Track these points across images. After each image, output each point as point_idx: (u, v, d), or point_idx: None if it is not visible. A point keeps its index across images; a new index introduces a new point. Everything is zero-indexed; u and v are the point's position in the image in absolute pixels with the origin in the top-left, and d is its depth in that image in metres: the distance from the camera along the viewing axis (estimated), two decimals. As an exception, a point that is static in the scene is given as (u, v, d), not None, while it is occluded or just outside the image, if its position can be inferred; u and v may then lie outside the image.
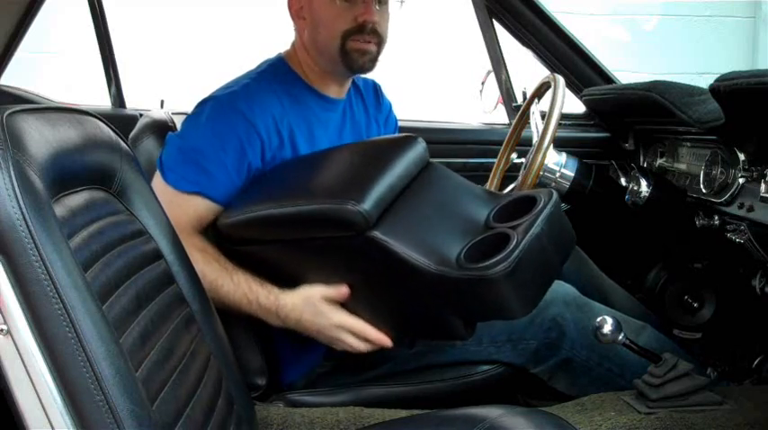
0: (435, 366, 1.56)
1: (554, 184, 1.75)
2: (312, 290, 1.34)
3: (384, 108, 1.75)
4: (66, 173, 0.88)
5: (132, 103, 2.27)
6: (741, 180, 1.53)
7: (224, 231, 1.39)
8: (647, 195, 1.75)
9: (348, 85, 1.63)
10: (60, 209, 0.84)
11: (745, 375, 1.73)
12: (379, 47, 1.53)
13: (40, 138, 0.83)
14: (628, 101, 1.95)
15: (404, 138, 1.42)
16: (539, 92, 1.83)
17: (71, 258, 0.79)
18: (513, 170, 1.93)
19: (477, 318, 1.33)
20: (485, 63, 2.29)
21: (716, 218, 1.64)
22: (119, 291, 0.89)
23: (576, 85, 2.17)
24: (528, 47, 2.20)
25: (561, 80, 1.71)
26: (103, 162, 1.00)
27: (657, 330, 1.68)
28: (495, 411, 1.05)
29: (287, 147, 1.49)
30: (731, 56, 4.73)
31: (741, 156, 1.52)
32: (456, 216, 1.33)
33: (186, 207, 1.41)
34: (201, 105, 1.50)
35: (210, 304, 1.17)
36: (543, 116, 1.71)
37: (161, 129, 1.55)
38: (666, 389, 1.37)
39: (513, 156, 1.98)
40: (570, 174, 1.76)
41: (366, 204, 1.23)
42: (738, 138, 1.52)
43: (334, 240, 1.28)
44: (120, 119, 2.04)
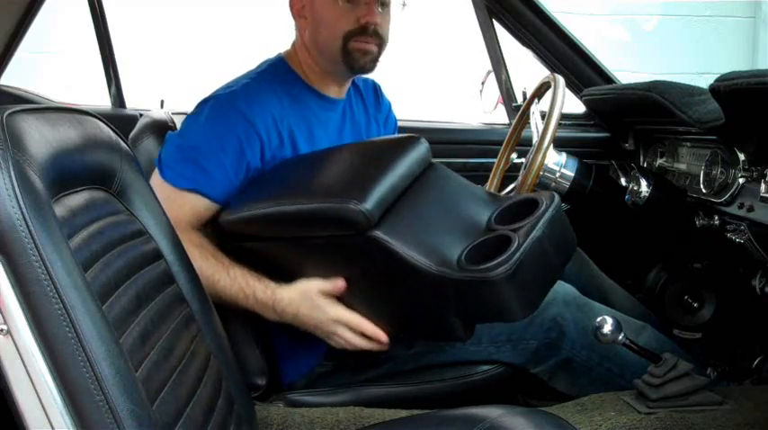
0: (435, 366, 1.56)
1: (554, 184, 1.75)
2: (309, 284, 1.34)
3: (384, 108, 1.75)
4: (67, 173, 0.88)
5: (132, 103, 2.27)
6: (741, 180, 1.53)
7: (226, 228, 1.39)
8: (647, 195, 1.75)
9: (348, 84, 1.63)
10: (60, 209, 0.84)
11: (745, 375, 1.73)
12: (380, 48, 1.53)
13: (40, 138, 0.83)
14: (628, 101, 1.95)
15: (407, 139, 1.42)
16: (539, 92, 1.83)
17: (71, 258, 0.79)
18: (513, 170, 1.92)
19: (477, 319, 1.33)
20: (485, 63, 2.29)
21: (716, 218, 1.64)
22: (119, 291, 0.89)
23: (576, 85, 2.17)
24: (528, 47, 2.20)
25: (561, 80, 1.71)
26: (103, 162, 1.00)
27: (657, 330, 1.68)
28: (495, 411, 1.05)
29: (287, 147, 1.49)
30: (731, 56, 4.73)
31: (741, 156, 1.52)
32: (458, 217, 1.33)
33: (183, 204, 1.41)
34: (202, 105, 1.50)
35: (210, 304, 1.17)
36: (543, 116, 1.71)
37: (161, 129, 1.55)
38: (666, 389, 1.37)
39: (513, 156, 1.98)
40: (570, 174, 1.76)
41: (368, 204, 1.23)
42: (738, 138, 1.52)
43: (336, 239, 1.29)
44: (120, 119, 2.04)
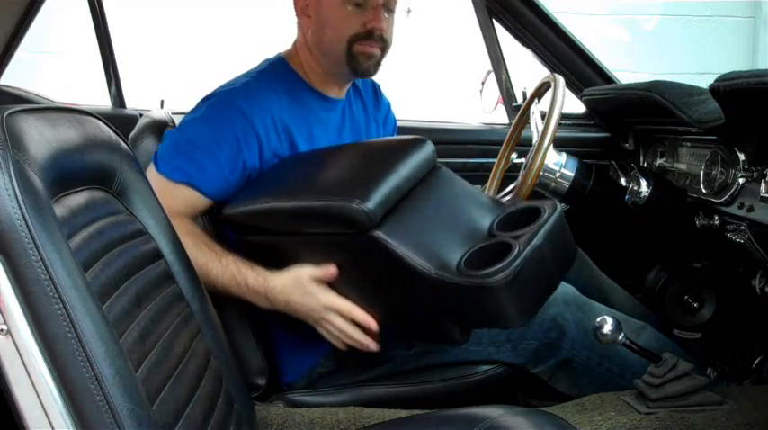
0: (435, 366, 1.56)
1: (554, 184, 1.76)
2: (301, 270, 1.34)
3: (383, 107, 1.75)
4: (67, 173, 0.88)
5: (132, 103, 2.27)
6: (741, 180, 1.53)
7: (229, 220, 1.40)
8: (647, 195, 1.75)
9: (348, 85, 1.63)
10: (60, 209, 0.84)
11: (745, 375, 1.73)
12: (383, 52, 1.53)
13: (40, 138, 0.84)
14: (628, 101, 1.95)
15: (412, 140, 1.42)
16: (539, 92, 1.83)
17: (71, 258, 0.79)
18: (513, 170, 1.92)
19: (474, 324, 1.34)
20: (485, 63, 2.29)
21: (716, 218, 1.64)
22: (119, 290, 0.89)
23: (576, 85, 2.17)
24: (528, 47, 2.20)
25: (561, 80, 1.71)
26: (103, 162, 1.00)
27: (657, 330, 1.68)
28: (496, 411, 1.05)
29: (285, 147, 1.49)
30: (731, 56, 4.73)
31: (741, 156, 1.52)
32: (459, 222, 1.34)
33: (176, 196, 1.41)
34: (201, 102, 1.51)
35: (210, 304, 1.17)
36: (543, 116, 1.71)
37: (161, 129, 1.55)
38: (666, 389, 1.37)
39: (513, 156, 1.98)
40: (570, 174, 1.76)
41: (370, 203, 1.24)
42: (738, 138, 1.52)
43: (337, 237, 1.29)
44: (120, 119, 2.04)
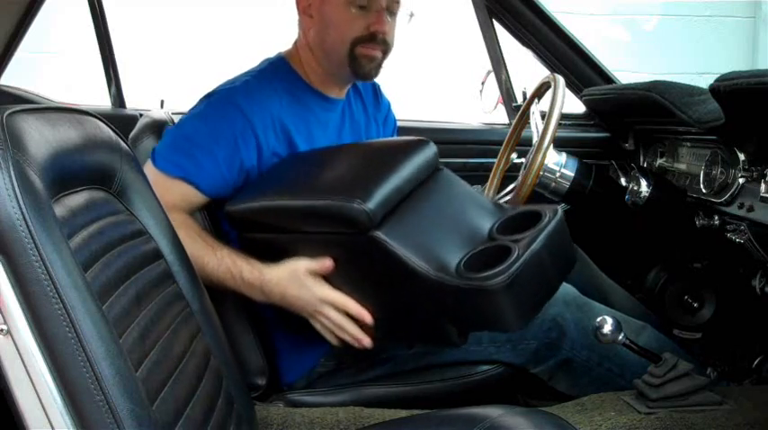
0: (435, 366, 1.57)
1: (554, 184, 1.76)
2: (297, 263, 1.34)
3: (383, 107, 1.75)
4: (66, 173, 0.88)
5: (132, 103, 2.27)
6: (741, 180, 1.53)
7: (230, 217, 1.40)
8: (647, 195, 1.75)
9: (348, 85, 1.63)
10: (60, 209, 0.84)
11: (745, 375, 1.73)
12: (384, 55, 1.53)
13: (40, 138, 0.83)
14: (628, 101, 1.95)
15: (415, 142, 1.42)
16: (539, 92, 1.83)
17: (71, 258, 0.79)
18: (513, 170, 1.92)
19: (472, 327, 1.34)
20: (485, 63, 2.29)
21: (716, 218, 1.64)
22: (119, 290, 0.89)
23: (576, 85, 2.17)
24: (528, 47, 2.20)
25: (561, 80, 1.71)
26: (103, 162, 1.00)
27: (657, 330, 1.68)
28: (496, 411, 1.05)
29: (285, 146, 1.49)
30: (731, 56, 4.73)
31: (741, 156, 1.52)
32: (460, 224, 1.34)
33: (173, 190, 1.40)
34: (201, 100, 1.51)
35: (210, 303, 1.17)
36: (543, 116, 1.71)
37: (161, 130, 1.55)
38: (666, 389, 1.37)
39: (513, 156, 1.98)
40: (570, 174, 1.76)
41: (371, 203, 1.24)
42: (738, 138, 1.52)
43: (338, 236, 1.29)
44: (120, 119, 2.04)
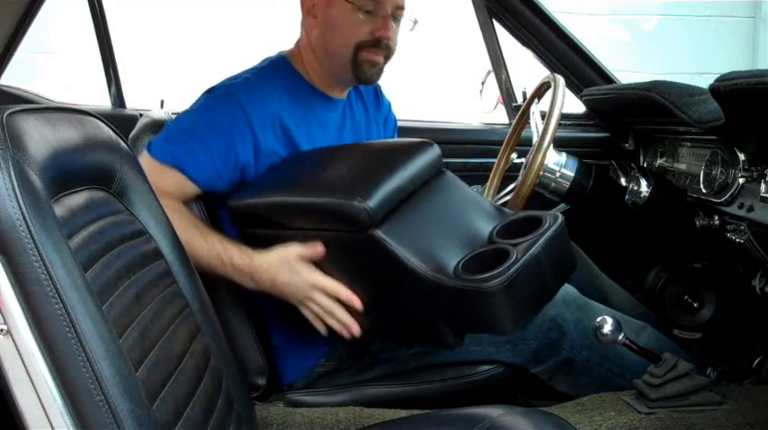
0: (435, 366, 1.57)
1: (554, 184, 1.76)
2: (288, 249, 1.34)
3: (384, 108, 1.75)
4: (66, 173, 0.88)
5: (132, 103, 2.27)
6: (741, 180, 1.53)
7: (233, 211, 1.41)
8: (647, 195, 1.75)
9: (350, 87, 1.63)
10: (60, 209, 0.84)
11: (745, 375, 1.73)
12: (386, 60, 1.54)
13: (40, 139, 0.83)
14: (628, 101, 1.95)
15: (419, 143, 1.43)
16: (539, 92, 1.83)
17: (71, 258, 0.79)
18: (513, 170, 1.92)
19: (468, 329, 1.34)
20: (485, 63, 2.29)
21: (716, 218, 1.64)
22: (119, 290, 0.89)
23: (576, 85, 2.17)
24: (528, 47, 2.20)
25: (561, 80, 1.71)
26: (103, 162, 1.00)
27: (657, 330, 1.68)
28: (496, 411, 1.05)
29: (284, 145, 1.49)
30: (731, 56, 4.73)
31: (741, 156, 1.52)
32: (460, 227, 1.34)
33: (165, 177, 1.40)
34: (202, 95, 1.52)
35: (210, 303, 1.17)
36: (543, 116, 1.71)
37: (161, 130, 1.55)
38: (666, 389, 1.37)
39: (513, 156, 1.98)
40: (570, 174, 1.76)
41: (371, 202, 1.24)
42: (738, 138, 1.52)
43: (337, 234, 1.30)
44: (120, 119, 2.04)
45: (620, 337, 1.36)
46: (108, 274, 0.88)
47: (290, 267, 1.33)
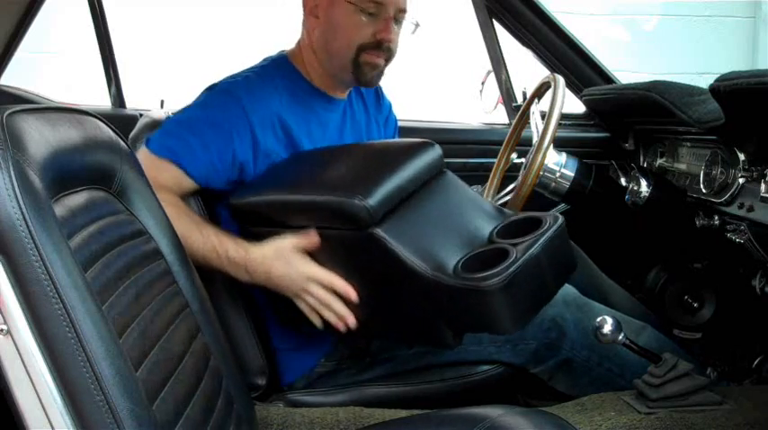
0: (435, 366, 1.57)
1: (554, 184, 1.76)
2: (283, 241, 1.34)
3: (384, 108, 1.75)
4: (66, 173, 0.88)
5: (132, 103, 2.27)
6: (741, 180, 1.53)
7: (235, 209, 1.41)
8: (647, 195, 1.75)
9: (350, 88, 1.63)
10: (60, 209, 0.84)
11: (745, 375, 1.73)
12: (387, 62, 1.54)
13: (40, 139, 0.84)
14: (628, 101, 1.95)
15: (420, 143, 1.43)
16: (539, 92, 1.83)
17: (71, 258, 0.79)
18: (513, 170, 1.92)
19: (467, 328, 1.34)
20: (485, 63, 2.29)
21: (716, 218, 1.64)
22: (119, 290, 0.89)
23: (576, 85, 2.17)
24: (528, 47, 2.20)
25: (561, 80, 1.71)
26: (103, 162, 1.00)
27: (657, 330, 1.68)
28: (496, 411, 1.05)
29: (283, 144, 1.49)
30: (731, 56, 4.73)
31: (741, 156, 1.52)
32: (460, 226, 1.34)
33: (161, 170, 1.40)
34: (202, 92, 1.52)
35: (210, 303, 1.17)
36: (543, 116, 1.71)
37: (161, 130, 1.56)
38: (666, 389, 1.37)
39: (513, 156, 1.98)
40: (570, 174, 1.76)
41: (372, 200, 1.25)
42: (738, 138, 1.52)
43: (337, 232, 1.30)
44: (120, 119, 2.04)
45: (620, 337, 1.36)
46: (108, 274, 0.88)
47: (285, 259, 1.33)
